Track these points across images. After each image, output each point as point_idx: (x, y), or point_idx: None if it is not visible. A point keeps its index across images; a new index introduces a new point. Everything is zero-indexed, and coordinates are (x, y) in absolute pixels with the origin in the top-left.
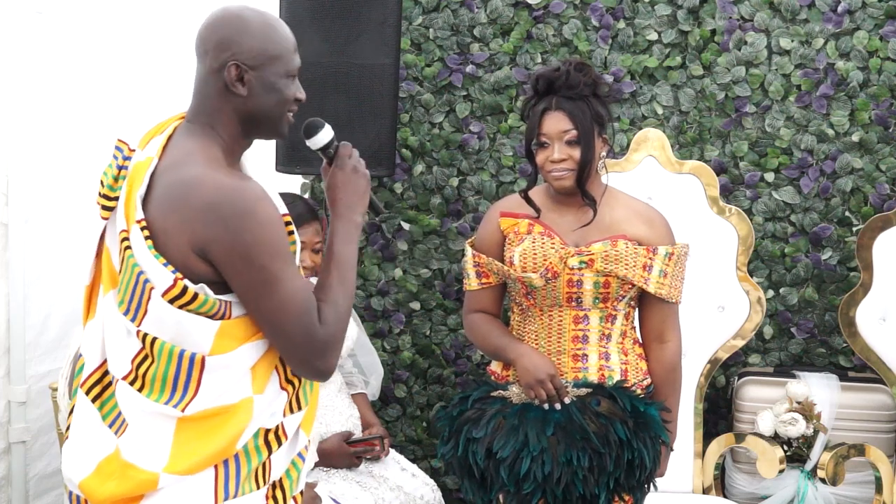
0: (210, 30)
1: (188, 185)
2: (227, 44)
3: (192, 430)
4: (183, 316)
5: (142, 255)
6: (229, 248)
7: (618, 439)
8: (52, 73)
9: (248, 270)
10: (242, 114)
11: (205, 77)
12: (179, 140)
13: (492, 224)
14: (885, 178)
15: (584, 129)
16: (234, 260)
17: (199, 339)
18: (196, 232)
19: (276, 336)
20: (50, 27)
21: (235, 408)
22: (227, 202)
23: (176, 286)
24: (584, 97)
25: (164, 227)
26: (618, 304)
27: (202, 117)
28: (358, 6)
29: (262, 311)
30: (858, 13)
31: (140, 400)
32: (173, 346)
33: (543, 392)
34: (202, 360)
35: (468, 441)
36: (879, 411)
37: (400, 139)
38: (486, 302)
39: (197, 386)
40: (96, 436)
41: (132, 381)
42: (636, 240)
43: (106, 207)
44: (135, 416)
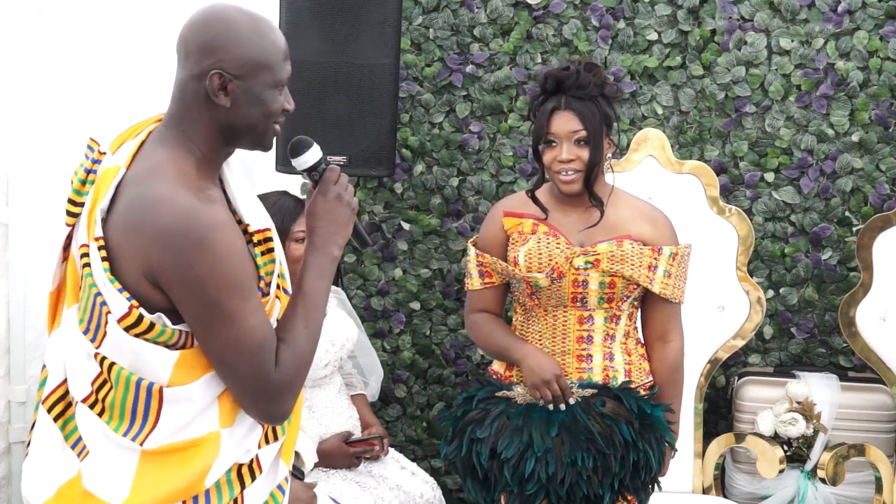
0: (193, 31)
1: (147, 205)
2: (212, 49)
3: (156, 464)
4: (139, 345)
5: (98, 277)
6: (180, 279)
7: (623, 440)
8: (52, 73)
9: (199, 304)
10: (224, 125)
11: (184, 82)
12: (151, 148)
13: (495, 223)
14: (885, 178)
15: (594, 130)
16: (184, 291)
17: (157, 369)
18: (149, 257)
19: (225, 375)
20: (50, 27)
21: (201, 441)
22: (182, 228)
23: (131, 314)
24: (592, 97)
25: (121, 248)
26: (622, 304)
27: (178, 125)
28: (358, 6)
29: (211, 347)
30: (858, 13)
31: (100, 426)
32: (130, 374)
33: (549, 393)
34: (160, 390)
35: (472, 441)
36: (879, 411)
37: (400, 139)
38: (488, 302)
39: (156, 418)
40: (58, 458)
41: (92, 405)
42: (641, 240)
43: (71, 213)
44: (96, 441)
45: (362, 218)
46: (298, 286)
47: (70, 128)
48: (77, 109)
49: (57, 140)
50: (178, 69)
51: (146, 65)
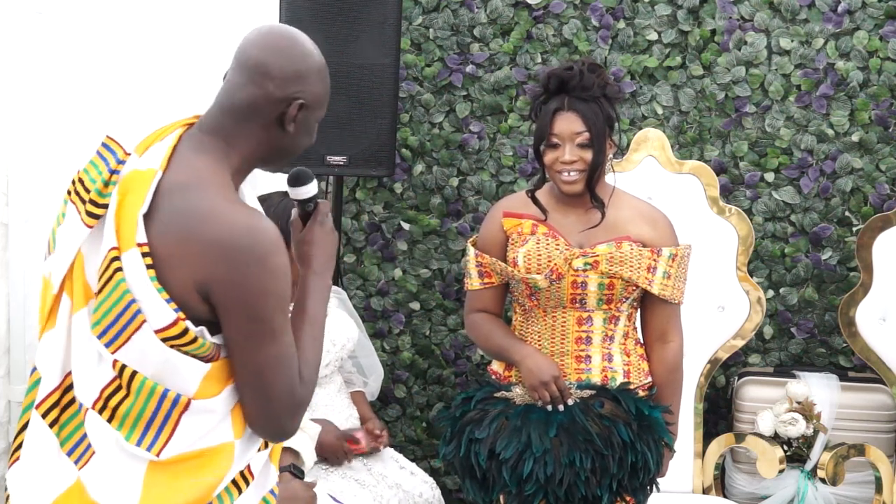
0: (278, 55)
1: (204, 216)
2: (299, 78)
3: (166, 475)
4: (173, 355)
5: (139, 284)
6: (236, 293)
7: (621, 441)
8: (52, 73)
9: (250, 319)
10: (275, 148)
11: (254, 100)
12: (187, 154)
13: (494, 224)
14: (885, 178)
15: (597, 132)
16: (237, 306)
17: (186, 381)
18: (203, 270)
19: (257, 389)
20: (50, 27)
21: (214, 452)
22: (242, 244)
23: (176, 326)
24: (595, 98)
25: (169, 257)
26: (621, 305)
27: (223, 135)
28: (358, 6)
29: (253, 361)
30: (858, 13)
31: (110, 432)
32: (155, 385)
33: (547, 394)
34: (187, 402)
35: (471, 442)
36: (879, 411)
37: (400, 139)
38: (487, 302)
39: (173, 428)
40: (53, 465)
41: (100, 410)
42: (640, 241)
43: (92, 214)
44: (105, 449)
45: (361, 218)
46: (303, 310)
47: (70, 128)
48: (77, 109)
49: (57, 140)
50: (244, 83)
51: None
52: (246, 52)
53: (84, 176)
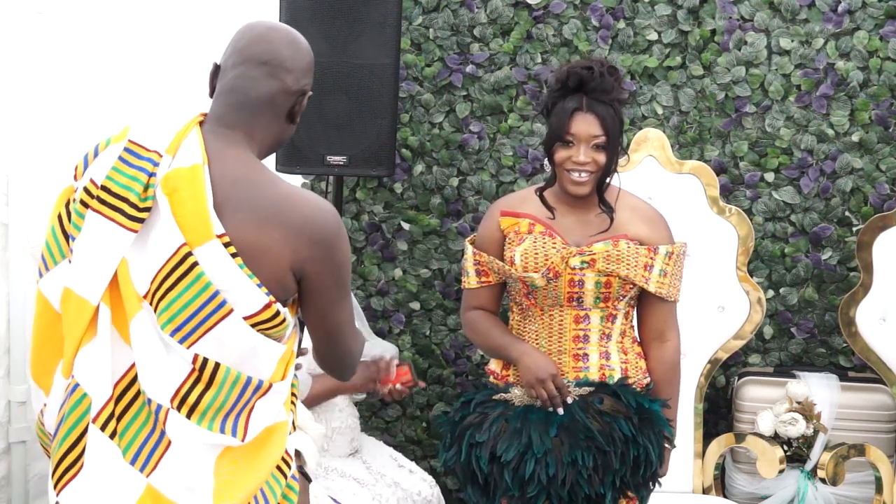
0: (293, 49)
1: (283, 201)
2: (309, 71)
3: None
4: (259, 340)
5: (225, 274)
6: (327, 267)
7: (622, 436)
8: (52, 73)
9: (338, 286)
10: (279, 138)
11: (273, 93)
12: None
13: (492, 223)
14: (885, 178)
15: (613, 136)
16: (329, 278)
17: (265, 365)
18: (298, 250)
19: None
20: (50, 27)
21: (270, 431)
22: (326, 223)
23: (268, 309)
24: (611, 102)
25: (261, 244)
26: (618, 303)
27: (243, 128)
28: (358, 6)
29: (337, 322)
30: (858, 13)
31: (194, 430)
32: (239, 373)
33: (545, 392)
34: (269, 387)
35: (471, 446)
36: (879, 411)
37: (400, 139)
38: (484, 300)
39: (249, 413)
40: (120, 477)
41: (178, 408)
42: (637, 239)
43: (136, 219)
44: (186, 447)
45: (362, 218)
46: None
47: (70, 128)
48: (77, 110)
49: (57, 140)
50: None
51: (146, 64)
52: (256, 45)
53: (110, 184)
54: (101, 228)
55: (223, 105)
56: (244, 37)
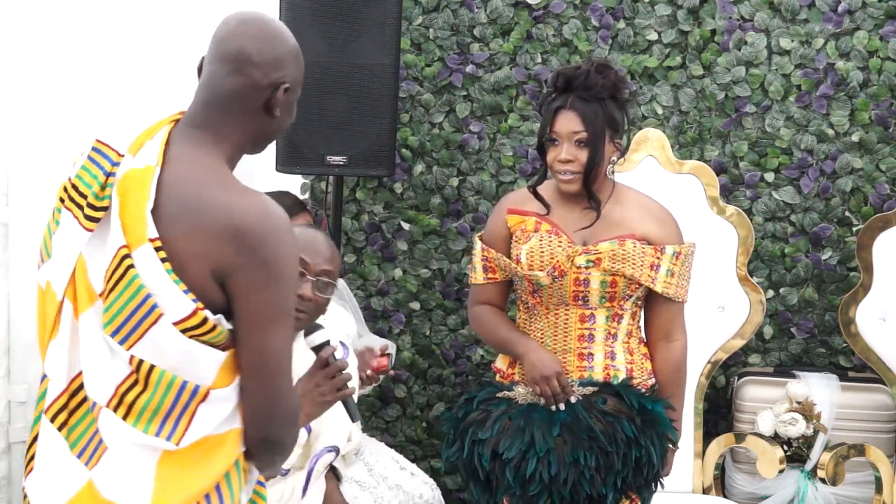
0: (258, 42)
1: (212, 207)
2: (282, 63)
3: (177, 464)
4: (192, 346)
5: (155, 278)
6: (249, 276)
7: (625, 437)
8: (52, 73)
9: (265, 303)
10: (262, 132)
11: (240, 89)
12: (182, 149)
13: (499, 219)
14: (885, 178)
15: (594, 132)
16: (251, 288)
17: (204, 371)
18: (221, 257)
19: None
20: (50, 27)
21: (222, 439)
22: (255, 227)
23: (195, 316)
24: (600, 99)
25: (185, 249)
26: (624, 303)
27: (213, 127)
28: (358, 6)
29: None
30: (858, 13)
31: (126, 430)
32: (174, 377)
33: (548, 389)
34: (206, 393)
35: (473, 443)
36: (879, 411)
37: (400, 139)
38: (490, 296)
39: (190, 418)
40: (64, 468)
41: (115, 408)
42: (645, 238)
43: (91, 218)
44: (119, 446)
45: (362, 218)
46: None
47: (70, 128)
48: (77, 110)
49: (57, 140)
50: (226, 75)
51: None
52: (224, 42)
53: (77, 182)
54: (68, 225)
55: (195, 103)
56: (218, 31)
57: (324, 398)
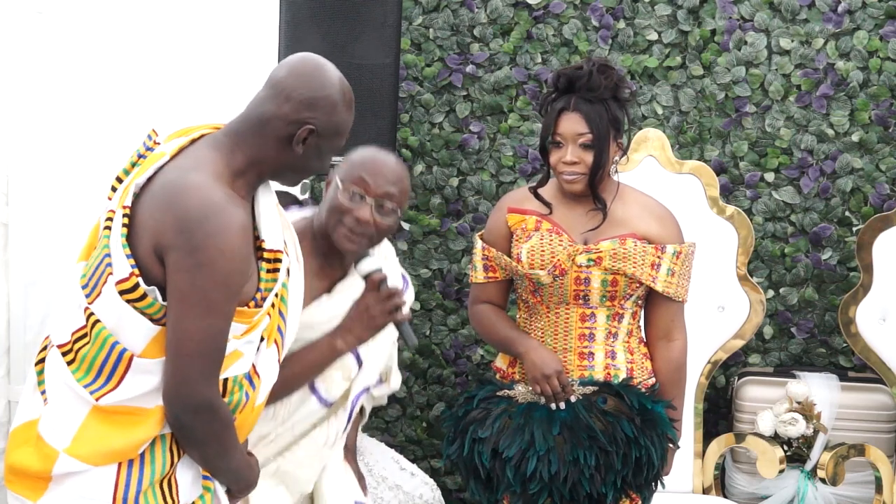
0: (301, 80)
1: (179, 189)
2: (314, 106)
3: (102, 422)
4: (127, 310)
5: (114, 240)
6: (180, 259)
7: (625, 437)
8: (52, 73)
9: (189, 285)
10: (283, 163)
11: (271, 116)
12: (200, 147)
13: (500, 218)
14: (885, 178)
15: (599, 134)
16: (181, 271)
17: (134, 337)
18: (163, 234)
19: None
20: (50, 27)
21: (148, 413)
22: (200, 216)
23: (129, 280)
24: (602, 100)
25: (143, 221)
26: (625, 302)
27: (238, 139)
28: (358, 6)
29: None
30: (858, 13)
31: (64, 372)
32: (109, 335)
33: (549, 388)
34: (130, 357)
35: (474, 441)
36: (879, 411)
37: (400, 139)
38: (491, 295)
39: (118, 381)
40: (28, 399)
41: (65, 353)
42: (646, 237)
43: (114, 188)
44: (55, 387)
45: None
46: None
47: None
48: (77, 110)
49: (57, 140)
50: (267, 98)
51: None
52: (277, 71)
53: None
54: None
55: (238, 115)
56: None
57: (374, 322)
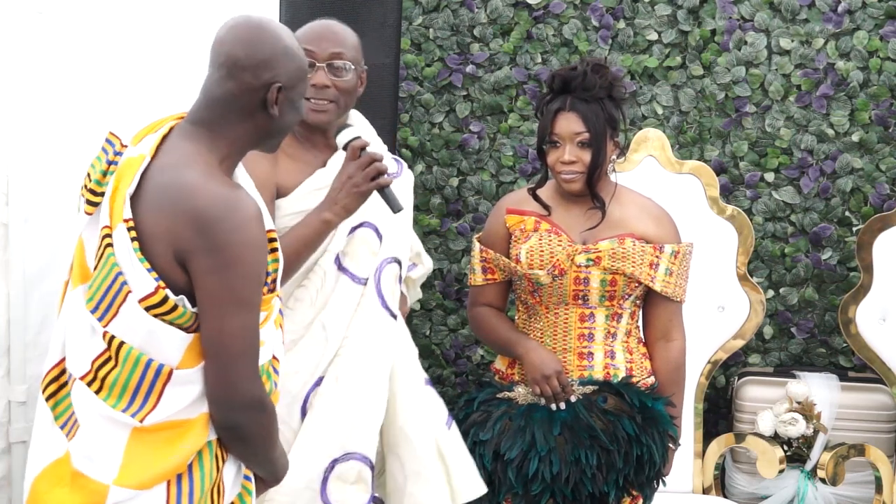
0: (245, 46)
1: (181, 190)
2: (270, 63)
3: (147, 442)
4: (156, 325)
5: (124, 257)
6: (210, 261)
7: (626, 435)
8: (52, 73)
9: (221, 286)
10: (263, 131)
11: (237, 92)
12: (176, 142)
13: (498, 219)
14: (885, 178)
15: (597, 133)
16: (210, 273)
17: (169, 351)
18: (181, 239)
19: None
20: (50, 27)
21: (193, 423)
22: (217, 214)
23: (156, 294)
24: (598, 99)
25: (153, 230)
26: (624, 302)
27: (209, 126)
28: (358, 6)
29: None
30: (858, 13)
31: (96, 403)
32: (140, 354)
33: (548, 388)
34: (169, 372)
35: (475, 444)
36: (879, 411)
37: (400, 139)
38: (490, 297)
39: (158, 397)
40: (47, 437)
41: (90, 383)
42: (643, 237)
43: (91, 202)
44: (88, 419)
45: None
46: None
47: (70, 128)
48: (77, 109)
49: (57, 140)
50: (220, 78)
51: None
52: (216, 48)
53: (90, 170)
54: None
55: (196, 103)
56: (215, 37)
57: (358, 189)
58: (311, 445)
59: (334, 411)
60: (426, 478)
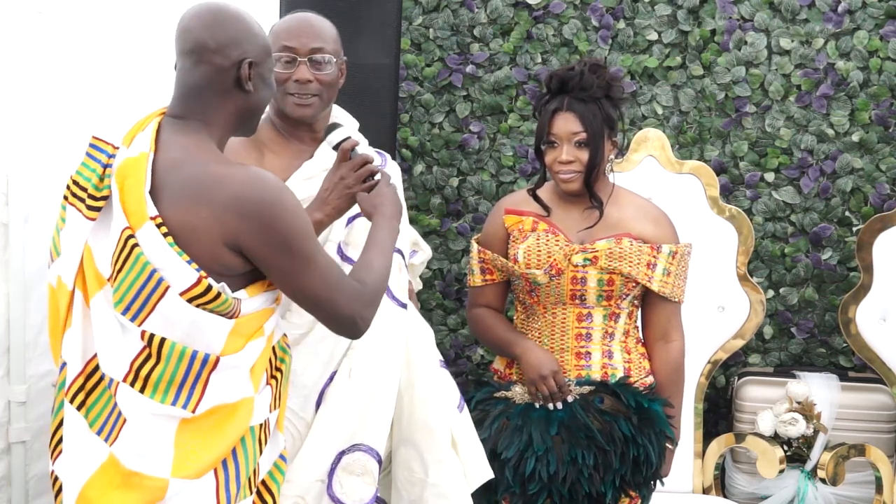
0: (211, 29)
1: (210, 182)
2: (239, 41)
3: (193, 432)
4: (199, 315)
5: (158, 253)
6: (263, 239)
7: (622, 436)
8: (52, 73)
9: (289, 256)
10: (243, 110)
11: (206, 75)
12: (172, 136)
13: (497, 220)
14: (885, 178)
15: (594, 132)
16: (272, 249)
17: (212, 339)
18: (228, 226)
19: (321, 309)
20: (50, 27)
21: (235, 407)
22: (254, 196)
23: (199, 284)
24: (595, 99)
25: (190, 223)
26: (621, 302)
27: (196, 115)
28: (358, 6)
29: (305, 290)
30: (858, 13)
31: (143, 401)
32: (185, 348)
33: (545, 388)
34: (216, 360)
35: None
36: (879, 411)
37: (400, 139)
38: (489, 298)
39: (204, 387)
40: (85, 446)
41: (132, 383)
42: (641, 238)
43: (93, 208)
44: (137, 418)
45: None
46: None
47: (70, 127)
48: (77, 109)
49: (57, 140)
50: (191, 65)
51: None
52: (182, 37)
53: (78, 178)
54: (73, 219)
55: (173, 97)
56: (178, 27)
57: (350, 190)
58: (321, 439)
59: (346, 405)
60: (448, 465)
